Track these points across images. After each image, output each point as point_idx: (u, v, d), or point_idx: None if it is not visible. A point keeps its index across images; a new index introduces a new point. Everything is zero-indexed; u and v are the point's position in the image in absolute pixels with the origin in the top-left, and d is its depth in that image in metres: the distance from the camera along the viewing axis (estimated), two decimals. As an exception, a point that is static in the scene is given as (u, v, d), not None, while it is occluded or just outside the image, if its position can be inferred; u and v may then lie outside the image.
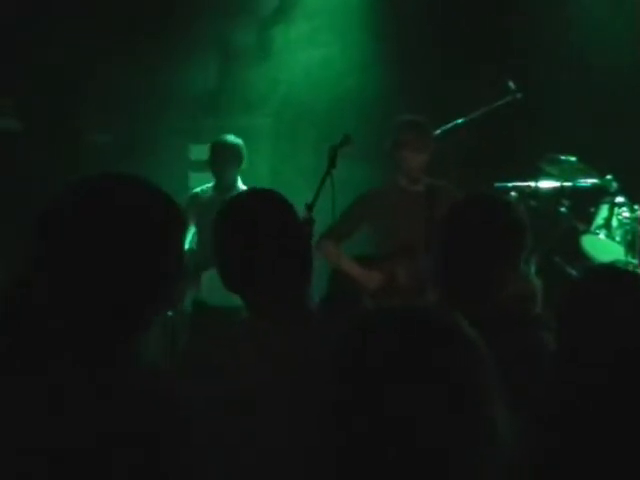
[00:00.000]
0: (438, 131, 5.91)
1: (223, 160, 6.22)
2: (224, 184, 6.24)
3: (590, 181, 6.34)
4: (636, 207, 6.10)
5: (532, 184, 6.35)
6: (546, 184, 6.36)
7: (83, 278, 1.72)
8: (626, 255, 6.01)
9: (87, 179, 1.81)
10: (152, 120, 7.50)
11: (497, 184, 6.40)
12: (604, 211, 6.16)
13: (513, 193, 6.22)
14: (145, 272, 1.75)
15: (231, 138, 6.28)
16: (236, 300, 5.91)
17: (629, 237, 6.05)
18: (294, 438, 1.87)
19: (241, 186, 6.26)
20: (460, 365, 1.45)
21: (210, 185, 6.37)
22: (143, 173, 1.87)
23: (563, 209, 6.34)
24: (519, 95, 6.16)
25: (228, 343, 2.43)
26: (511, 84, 6.20)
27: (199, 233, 6.23)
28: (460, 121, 6.06)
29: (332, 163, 4.98)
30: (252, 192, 2.54)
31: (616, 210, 6.12)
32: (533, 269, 5.78)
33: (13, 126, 7.34)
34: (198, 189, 6.41)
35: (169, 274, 1.80)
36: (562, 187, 6.34)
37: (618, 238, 6.08)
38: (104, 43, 7.09)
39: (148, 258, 1.76)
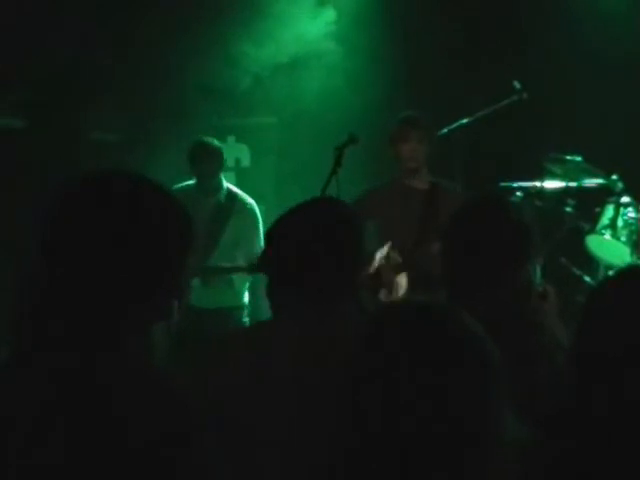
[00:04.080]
0: (444, 130, 5.92)
1: (208, 162, 6.14)
2: (210, 186, 6.19)
3: (595, 181, 6.33)
4: (642, 207, 6.09)
5: (537, 184, 6.32)
6: (551, 184, 6.34)
7: (88, 274, 1.72)
8: (632, 255, 5.99)
9: (89, 177, 1.81)
10: (157, 119, 7.49)
11: (502, 184, 6.39)
12: (609, 211, 6.15)
13: (518, 193, 6.20)
14: (150, 268, 1.75)
15: (209, 140, 6.23)
16: (224, 301, 6.07)
17: (634, 237, 6.03)
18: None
19: (226, 184, 6.26)
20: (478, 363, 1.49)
21: (190, 184, 6.23)
22: (146, 172, 1.88)
23: (568, 209, 6.32)
24: (525, 95, 6.16)
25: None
26: (517, 84, 6.19)
27: None
28: (465, 121, 6.06)
29: (338, 162, 4.96)
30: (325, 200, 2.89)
31: (621, 210, 6.10)
32: (538, 269, 5.77)
33: (15, 124, 7.34)
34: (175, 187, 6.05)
35: (174, 270, 1.80)
36: (567, 187, 6.32)
37: (623, 238, 6.07)
38: (106, 40, 7.10)
39: (153, 253, 1.76)
